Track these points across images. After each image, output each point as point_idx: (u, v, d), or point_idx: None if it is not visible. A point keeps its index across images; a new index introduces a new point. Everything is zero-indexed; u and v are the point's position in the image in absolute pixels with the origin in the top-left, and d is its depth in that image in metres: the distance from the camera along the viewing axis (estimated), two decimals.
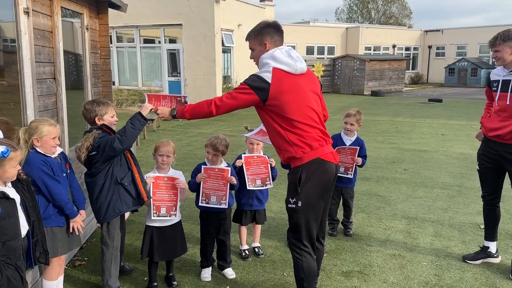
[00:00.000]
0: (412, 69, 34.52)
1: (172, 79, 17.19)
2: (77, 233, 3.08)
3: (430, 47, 34.51)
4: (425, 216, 5.28)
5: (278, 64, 2.86)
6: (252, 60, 3.08)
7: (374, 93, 23.48)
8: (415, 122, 13.52)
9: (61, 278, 3.23)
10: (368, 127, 12.21)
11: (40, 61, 3.35)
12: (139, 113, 3.09)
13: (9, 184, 2.36)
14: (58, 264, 3.07)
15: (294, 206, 2.90)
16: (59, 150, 3.01)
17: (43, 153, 2.85)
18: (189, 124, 12.93)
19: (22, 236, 2.38)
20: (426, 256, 4.19)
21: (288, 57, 2.90)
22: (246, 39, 3.08)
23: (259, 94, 2.82)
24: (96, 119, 3.22)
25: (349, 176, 4.51)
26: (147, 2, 16.25)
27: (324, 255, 4.18)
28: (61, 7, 3.71)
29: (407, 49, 34.10)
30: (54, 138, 2.88)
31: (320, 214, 3.01)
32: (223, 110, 2.90)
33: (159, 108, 3.10)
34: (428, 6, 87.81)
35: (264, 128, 3.25)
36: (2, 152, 2.17)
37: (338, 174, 4.47)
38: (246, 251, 4.16)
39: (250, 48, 3.07)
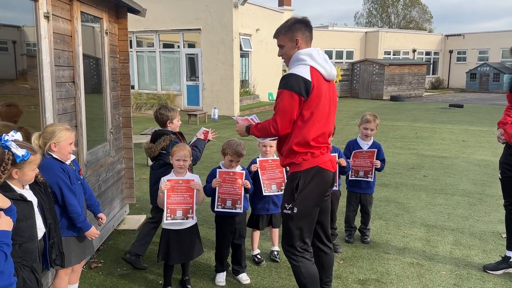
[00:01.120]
0: (433, 74, 34.01)
1: (191, 83, 17.32)
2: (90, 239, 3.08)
3: (451, 51, 33.97)
4: (445, 224, 5.16)
5: (315, 64, 2.80)
6: (281, 57, 3.02)
7: (394, 98, 23.21)
8: (435, 127, 13.28)
9: (75, 286, 3.23)
10: (387, 132, 12.05)
11: (59, 65, 3.40)
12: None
13: (27, 187, 2.39)
14: (66, 274, 3.04)
15: (289, 212, 2.87)
16: (72, 157, 3.01)
17: (59, 159, 2.85)
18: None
19: (39, 238, 2.40)
20: (445, 265, 4.08)
21: (324, 60, 2.87)
22: (275, 36, 2.99)
23: (303, 94, 2.74)
24: (168, 122, 3.96)
25: (369, 179, 4.45)
26: (167, 7, 16.43)
27: (340, 262, 4.12)
28: (81, 11, 3.76)
29: (428, 53, 33.62)
30: (71, 143, 2.89)
31: (315, 221, 2.97)
32: (284, 129, 2.82)
33: (238, 124, 3.16)
34: (449, 10, 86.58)
35: (255, 119, 3.18)
36: (22, 155, 2.20)
37: (358, 178, 4.47)
38: (258, 256, 4.12)
39: (279, 45, 2.97)
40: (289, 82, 2.75)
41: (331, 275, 3.26)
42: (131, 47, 17.13)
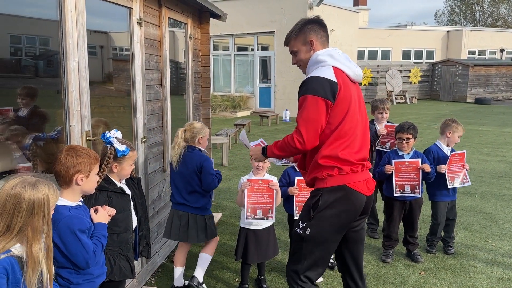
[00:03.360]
0: None
1: (263, 85, 17.53)
2: None
3: None
4: None
5: (338, 64, 2.43)
6: (295, 65, 2.65)
7: (478, 101, 21.67)
8: None
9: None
10: (472, 137, 11.28)
11: (149, 69, 3.61)
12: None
13: (123, 181, 2.57)
14: (216, 242, 3.64)
15: (301, 232, 2.43)
16: None
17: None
18: (278, 130, 13.05)
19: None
20: None
21: (347, 59, 2.51)
22: (285, 44, 2.64)
23: (330, 97, 2.34)
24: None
25: (466, 184, 4.21)
26: (243, 11, 16.80)
27: (421, 273, 3.93)
28: (168, 17, 3.97)
29: None
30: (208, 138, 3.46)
31: (331, 252, 2.50)
32: (311, 141, 2.39)
33: (251, 149, 2.85)
34: None
35: (264, 143, 2.95)
36: (123, 150, 2.39)
37: (455, 186, 4.18)
38: (331, 260, 4.05)
39: (291, 52, 2.61)
40: (311, 86, 2.36)
41: None
42: None
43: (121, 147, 2.37)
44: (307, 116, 2.35)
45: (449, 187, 4.18)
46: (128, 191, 2.54)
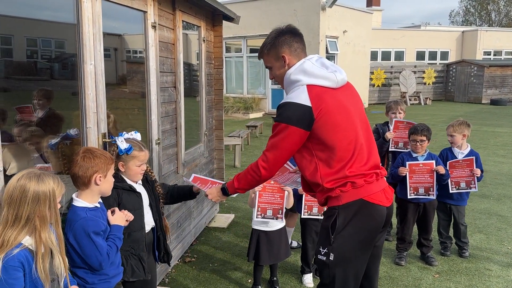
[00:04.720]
0: None
1: (275, 87, 17.51)
2: None
3: None
4: None
5: (312, 79, 2.26)
6: (273, 80, 2.52)
7: (494, 102, 21.35)
8: None
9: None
10: (488, 139, 11.13)
11: (163, 71, 3.65)
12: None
13: (140, 182, 2.59)
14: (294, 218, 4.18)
15: (324, 258, 2.25)
16: None
17: None
18: None
19: (147, 231, 2.60)
20: None
21: (322, 67, 2.30)
22: (259, 57, 2.50)
23: (305, 126, 2.19)
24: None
25: (473, 190, 4.15)
26: (255, 13, 16.83)
27: (435, 276, 3.90)
28: (182, 20, 4.01)
29: None
30: None
31: (362, 273, 2.32)
32: (275, 168, 2.34)
33: (207, 191, 2.67)
34: None
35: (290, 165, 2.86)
36: (124, 149, 2.42)
37: (460, 191, 4.17)
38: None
39: (266, 67, 2.49)
40: (285, 113, 2.23)
41: None
42: None
43: (123, 146, 2.40)
44: (277, 143, 2.26)
45: (450, 191, 4.14)
46: (140, 190, 2.57)
